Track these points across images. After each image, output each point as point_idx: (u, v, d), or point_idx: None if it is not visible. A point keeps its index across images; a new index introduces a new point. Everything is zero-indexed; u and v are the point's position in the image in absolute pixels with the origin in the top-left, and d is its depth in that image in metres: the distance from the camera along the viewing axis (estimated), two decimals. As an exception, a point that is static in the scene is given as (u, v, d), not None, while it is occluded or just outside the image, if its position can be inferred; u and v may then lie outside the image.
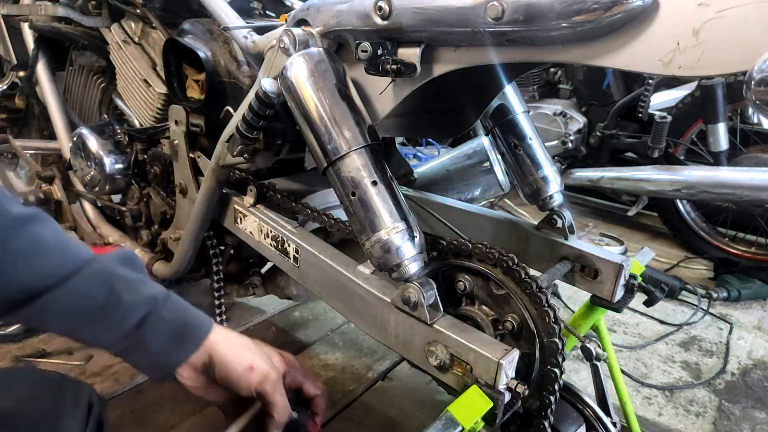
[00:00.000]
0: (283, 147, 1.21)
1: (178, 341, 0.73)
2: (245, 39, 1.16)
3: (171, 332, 0.73)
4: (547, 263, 1.11)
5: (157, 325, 0.71)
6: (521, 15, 0.66)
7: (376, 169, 0.86)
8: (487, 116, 1.14)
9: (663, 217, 2.90)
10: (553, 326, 0.84)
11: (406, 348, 0.90)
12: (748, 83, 0.53)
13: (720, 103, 2.42)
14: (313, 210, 1.14)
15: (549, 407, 0.85)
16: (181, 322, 0.75)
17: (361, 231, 0.86)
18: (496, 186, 1.55)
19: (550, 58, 0.72)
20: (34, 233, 0.67)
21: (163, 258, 1.62)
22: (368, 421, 1.56)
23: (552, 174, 1.11)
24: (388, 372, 1.77)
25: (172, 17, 1.47)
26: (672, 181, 2.28)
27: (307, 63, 0.88)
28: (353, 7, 0.85)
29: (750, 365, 1.95)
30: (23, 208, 0.68)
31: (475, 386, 0.79)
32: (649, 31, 0.60)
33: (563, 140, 3.16)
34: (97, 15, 1.63)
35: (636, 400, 1.73)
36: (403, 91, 0.88)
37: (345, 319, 1.40)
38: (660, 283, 1.12)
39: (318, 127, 0.87)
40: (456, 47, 0.80)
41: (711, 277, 2.60)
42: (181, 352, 0.74)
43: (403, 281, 0.85)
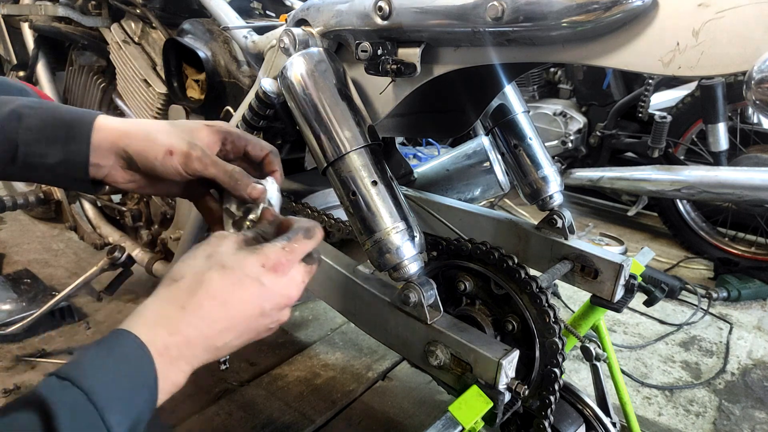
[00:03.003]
0: (283, 147, 1.21)
1: (61, 144, 0.69)
2: (245, 39, 1.16)
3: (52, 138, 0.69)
4: (547, 263, 1.11)
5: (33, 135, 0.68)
6: (521, 15, 0.66)
7: (376, 169, 0.85)
8: (487, 116, 1.14)
9: (663, 217, 2.90)
10: (553, 326, 0.84)
11: (406, 348, 0.90)
12: (748, 83, 0.53)
13: (720, 103, 2.42)
14: (313, 210, 1.14)
15: (549, 407, 0.85)
16: (53, 124, 0.70)
17: (361, 231, 0.86)
18: (496, 186, 1.55)
19: (550, 58, 0.72)
20: None
21: (163, 258, 1.63)
22: (368, 421, 1.56)
23: (552, 174, 1.11)
24: (388, 372, 1.77)
25: (172, 17, 1.47)
26: (672, 181, 2.28)
27: (307, 63, 0.88)
28: (353, 7, 0.85)
29: (750, 365, 1.95)
30: None
31: (475, 386, 0.79)
32: (649, 31, 0.60)
33: (563, 140, 3.16)
34: (97, 15, 1.63)
35: (636, 400, 1.73)
36: (403, 91, 0.88)
37: (345, 319, 1.40)
38: (660, 283, 1.12)
39: (318, 127, 0.87)
40: (456, 47, 0.80)
41: (711, 277, 2.60)
42: (70, 153, 0.70)
43: (403, 281, 0.85)
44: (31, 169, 0.70)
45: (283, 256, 0.65)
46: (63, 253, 2.43)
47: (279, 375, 1.74)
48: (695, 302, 2.30)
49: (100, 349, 0.56)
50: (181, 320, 0.59)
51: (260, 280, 0.63)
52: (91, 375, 0.53)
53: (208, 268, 0.62)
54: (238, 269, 0.62)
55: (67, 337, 1.85)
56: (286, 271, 0.65)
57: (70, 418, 0.49)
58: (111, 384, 0.53)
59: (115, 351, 0.56)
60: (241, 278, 0.62)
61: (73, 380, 0.51)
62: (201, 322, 0.60)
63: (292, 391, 1.66)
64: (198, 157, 0.72)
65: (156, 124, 0.75)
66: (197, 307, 0.60)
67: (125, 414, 0.53)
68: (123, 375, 0.54)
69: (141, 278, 1.93)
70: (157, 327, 0.58)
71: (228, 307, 0.61)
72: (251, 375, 1.73)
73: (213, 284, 0.61)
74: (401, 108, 0.92)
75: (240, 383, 1.68)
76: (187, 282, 0.62)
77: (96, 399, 0.51)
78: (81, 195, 1.92)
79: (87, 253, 2.41)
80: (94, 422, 0.51)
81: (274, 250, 0.65)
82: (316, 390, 1.67)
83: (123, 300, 2.06)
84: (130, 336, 0.56)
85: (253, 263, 0.63)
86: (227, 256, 0.63)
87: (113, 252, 1.62)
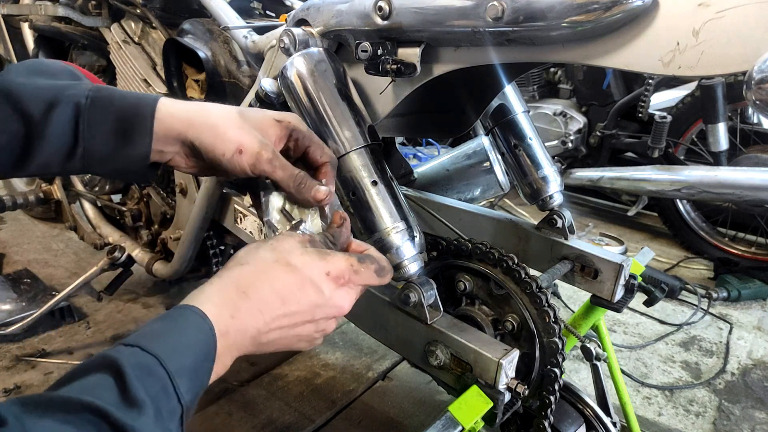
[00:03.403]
0: (283, 147, 1.20)
1: (122, 137, 0.66)
2: (245, 39, 1.16)
3: (113, 131, 0.66)
4: (547, 263, 1.11)
5: (94, 130, 0.65)
6: (521, 15, 0.66)
7: (376, 169, 0.86)
8: (487, 116, 1.14)
9: (663, 217, 2.90)
10: (553, 326, 0.85)
11: (406, 348, 0.90)
12: (748, 83, 0.53)
13: (720, 103, 2.42)
14: (313, 210, 1.14)
15: (549, 407, 0.85)
16: (114, 117, 0.66)
17: (361, 231, 0.86)
18: (496, 186, 1.55)
19: (550, 58, 0.72)
20: None
21: (163, 258, 1.63)
22: (368, 421, 1.56)
23: (552, 174, 1.11)
24: (388, 372, 1.77)
25: (172, 17, 1.47)
26: (672, 181, 2.28)
27: (307, 63, 0.88)
28: (353, 7, 0.85)
29: (750, 365, 1.95)
30: None
31: (475, 386, 0.79)
32: (649, 31, 0.60)
33: (563, 140, 3.16)
34: (97, 15, 1.63)
35: (636, 400, 1.73)
36: (403, 91, 0.88)
37: (345, 319, 1.40)
38: (660, 283, 1.12)
39: (318, 127, 0.87)
40: (456, 47, 0.80)
41: (711, 277, 2.60)
42: (132, 146, 0.67)
43: (403, 281, 0.85)
44: (91, 164, 0.67)
45: (347, 272, 0.66)
46: (63, 253, 2.43)
47: (279, 375, 1.74)
48: (695, 302, 2.30)
49: (166, 321, 0.56)
50: (242, 305, 0.59)
51: (321, 288, 0.63)
52: (159, 343, 0.52)
53: (275, 261, 0.62)
54: (303, 271, 0.63)
55: (67, 337, 1.85)
56: (347, 285, 0.66)
57: (142, 380, 0.48)
58: (179, 353, 0.53)
59: (181, 324, 0.56)
60: (304, 280, 0.62)
61: (142, 347, 0.51)
62: (259, 313, 0.60)
63: (292, 391, 1.66)
64: (268, 160, 0.69)
65: (225, 114, 0.71)
66: (259, 298, 0.60)
67: (192, 383, 0.53)
68: (189, 347, 0.54)
69: (141, 278, 1.93)
70: (221, 307, 0.58)
71: (285, 305, 0.61)
72: (251, 375, 1.72)
73: (277, 278, 0.61)
74: (401, 108, 0.92)
75: (240, 383, 1.68)
76: (251, 269, 0.62)
77: (167, 364, 0.51)
78: (81, 195, 1.93)
79: (87, 253, 2.41)
80: (164, 386, 0.50)
81: (341, 262, 0.66)
82: (316, 390, 1.67)
83: (123, 300, 2.06)
84: (197, 311, 0.56)
85: (319, 268, 0.64)
86: (295, 254, 0.64)
87: (113, 252, 1.62)
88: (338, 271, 0.65)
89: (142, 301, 2.07)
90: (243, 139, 0.69)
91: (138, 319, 1.95)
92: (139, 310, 2.02)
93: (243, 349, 0.61)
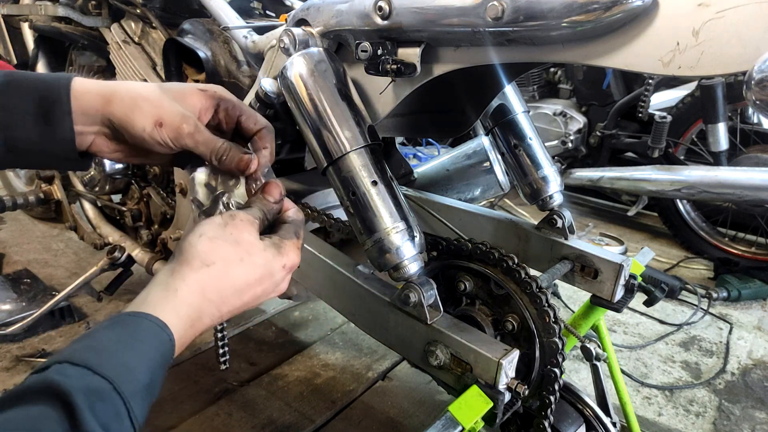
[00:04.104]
0: (283, 147, 1.21)
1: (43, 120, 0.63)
2: (245, 39, 1.16)
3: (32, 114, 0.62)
4: (547, 263, 1.11)
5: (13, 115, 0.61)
6: (521, 15, 0.66)
7: (376, 169, 0.85)
8: (487, 116, 1.14)
9: (663, 217, 2.90)
10: (553, 326, 0.84)
11: (406, 348, 0.90)
12: (748, 83, 0.53)
13: (720, 103, 2.42)
14: (313, 210, 1.14)
15: (549, 407, 0.85)
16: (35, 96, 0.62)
17: (361, 231, 0.86)
18: (496, 186, 1.55)
19: (550, 58, 0.72)
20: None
21: (163, 258, 1.63)
22: (368, 421, 1.56)
23: (552, 174, 1.11)
24: (388, 372, 1.77)
25: (172, 17, 1.47)
26: (672, 181, 2.28)
27: (307, 63, 0.88)
28: (353, 7, 0.85)
29: (750, 365, 1.95)
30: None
31: (475, 386, 0.79)
32: (649, 31, 0.60)
33: (563, 140, 3.16)
34: (97, 15, 1.63)
35: (636, 400, 1.73)
36: (403, 91, 0.88)
37: (345, 319, 1.40)
38: (660, 283, 1.12)
39: (318, 127, 0.87)
40: (456, 47, 0.80)
41: (711, 277, 2.60)
42: (54, 129, 0.63)
43: (403, 281, 0.85)
44: (18, 154, 0.64)
45: (297, 258, 0.69)
46: (63, 253, 2.43)
47: (279, 375, 1.74)
48: (695, 302, 2.30)
49: (119, 332, 0.52)
50: (205, 311, 0.60)
51: (276, 279, 0.66)
52: (112, 361, 0.48)
53: (240, 260, 0.63)
54: (264, 268, 0.64)
55: (67, 337, 1.85)
56: (292, 270, 0.69)
57: (93, 409, 0.44)
58: (135, 372, 0.49)
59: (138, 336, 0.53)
60: (263, 276, 0.65)
61: (93, 368, 0.47)
62: (217, 312, 0.62)
63: (292, 391, 1.66)
64: (190, 133, 0.66)
65: (144, 88, 0.67)
66: (221, 301, 0.61)
67: (146, 401, 0.50)
68: (146, 362, 0.51)
69: (141, 278, 1.93)
70: (186, 319, 0.58)
71: (241, 299, 0.64)
72: (251, 375, 1.72)
73: (240, 279, 0.63)
74: (401, 108, 0.92)
75: (240, 383, 1.68)
76: (218, 273, 0.61)
77: (121, 388, 0.47)
78: (81, 195, 1.92)
79: (87, 253, 2.41)
80: (118, 412, 0.46)
81: (294, 255, 0.68)
82: (316, 390, 1.67)
83: (123, 300, 2.06)
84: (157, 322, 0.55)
85: (278, 263, 0.66)
86: (256, 249, 0.64)
87: (113, 252, 1.62)
88: (292, 263, 0.68)
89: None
90: (162, 111, 0.66)
91: (138, 319, 1.94)
92: (139, 310, 2.01)
93: (197, 333, 0.62)
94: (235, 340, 1.88)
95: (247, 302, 0.65)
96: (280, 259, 0.66)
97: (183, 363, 1.74)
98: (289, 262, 0.67)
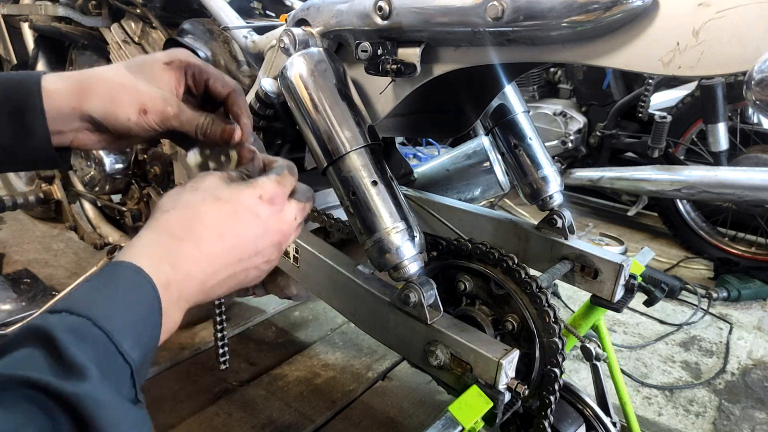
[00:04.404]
0: (283, 147, 1.21)
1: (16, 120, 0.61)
2: (245, 39, 1.16)
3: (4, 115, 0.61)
4: (547, 263, 1.11)
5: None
6: (521, 15, 0.66)
7: (376, 169, 0.85)
8: (487, 116, 1.14)
9: (663, 217, 2.90)
10: (553, 326, 0.84)
11: (406, 348, 0.90)
12: (748, 83, 0.53)
13: (720, 103, 2.42)
14: (313, 210, 1.14)
15: (549, 407, 0.85)
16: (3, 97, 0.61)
17: (361, 231, 0.86)
18: (496, 186, 1.55)
19: (550, 58, 0.72)
20: None
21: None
22: (368, 421, 1.56)
23: (552, 174, 1.11)
24: (388, 372, 1.77)
25: (172, 17, 1.47)
26: (672, 181, 2.28)
27: (307, 63, 0.88)
28: (353, 7, 0.85)
29: (750, 365, 1.95)
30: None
31: (475, 386, 0.79)
32: (649, 31, 0.60)
33: (563, 140, 3.16)
34: (97, 15, 1.63)
35: (636, 400, 1.73)
36: (403, 91, 0.88)
37: (345, 319, 1.40)
38: (660, 283, 1.12)
39: (318, 127, 0.87)
40: (456, 47, 0.80)
41: (711, 277, 2.60)
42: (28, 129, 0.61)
43: (403, 281, 0.85)
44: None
45: (279, 191, 0.63)
46: (63, 253, 2.43)
47: (279, 375, 1.74)
48: (695, 302, 2.30)
49: (94, 282, 0.50)
50: (181, 252, 0.55)
51: (257, 213, 0.60)
52: (89, 304, 0.47)
53: (202, 199, 0.58)
54: (234, 201, 0.59)
55: (67, 337, 1.85)
56: (282, 205, 0.63)
57: (77, 344, 0.43)
58: (115, 312, 0.47)
59: (113, 282, 0.50)
60: (238, 210, 0.59)
61: (70, 310, 0.46)
62: (201, 256, 0.56)
63: (292, 391, 1.66)
64: (175, 115, 0.66)
65: (116, 75, 0.65)
66: (197, 239, 0.56)
67: (136, 340, 0.48)
68: (126, 304, 0.49)
69: (141, 278, 1.92)
70: (157, 258, 0.53)
71: (225, 241, 0.58)
72: (251, 375, 1.73)
73: (209, 215, 0.57)
74: (401, 108, 0.92)
75: (240, 383, 1.68)
76: (180, 213, 0.57)
77: (101, 323, 0.45)
78: (81, 195, 1.92)
79: (87, 253, 2.41)
80: (105, 347, 0.45)
81: (269, 183, 0.62)
82: (316, 390, 1.67)
83: (123, 300, 2.06)
84: (130, 266, 0.51)
85: (249, 195, 0.60)
86: (219, 189, 0.60)
87: (113, 252, 1.62)
88: (269, 192, 0.62)
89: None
90: (143, 97, 0.65)
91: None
92: (139, 310, 2.01)
93: (192, 299, 0.56)
94: (235, 340, 1.88)
95: (236, 245, 0.58)
96: (252, 191, 0.60)
97: (183, 363, 1.74)
98: (265, 193, 0.61)
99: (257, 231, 0.60)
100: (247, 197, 0.60)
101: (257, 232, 0.60)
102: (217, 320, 1.49)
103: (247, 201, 0.60)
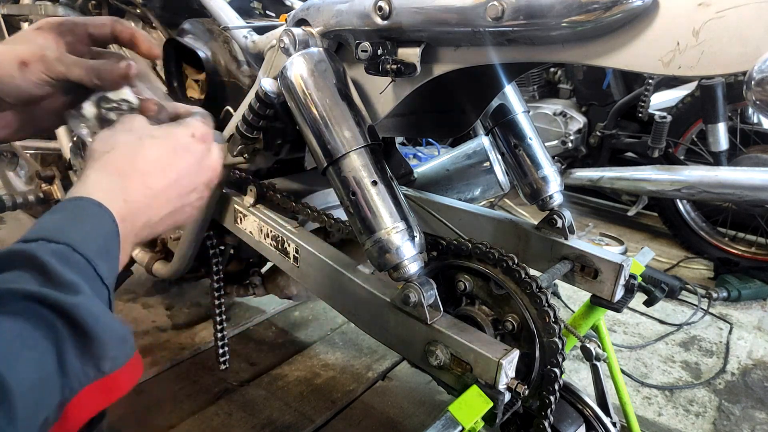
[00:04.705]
0: (283, 147, 1.20)
1: None
2: (245, 39, 1.16)
3: None
4: (547, 263, 1.11)
5: None
6: (521, 15, 0.66)
7: (376, 169, 0.85)
8: (487, 116, 1.14)
9: (663, 217, 2.90)
10: (553, 326, 0.84)
11: (406, 348, 0.90)
12: (748, 83, 0.53)
13: (720, 103, 2.42)
14: (313, 210, 1.14)
15: (549, 407, 0.85)
16: None
17: (361, 231, 0.86)
18: (496, 186, 1.55)
19: (550, 58, 0.72)
20: None
21: (163, 258, 1.62)
22: (368, 421, 1.56)
23: (552, 174, 1.11)
24: (388, 372, 1.77)
25: (172, 17, 1.47)
26: (672, 181, 2.28)
27: (307, 63, 0.88)
28: (353, 6, 0.85)
29: (750, 365, 1.95)
30: None
31: (475, 386, 0.79)
32: (649, 31, 0.60)
33: (563, 140, 3.16)
34: (97, 15, 1.63)
35: (636, 400, 1.73)
36: (403, 91, 0.88)
37: (345, 319, 1.40)
38: (660, 283, 1.12)
39: (318, 127, 0.87)
40: (456, 47, 0.80)
41: (711, 277, 2.60)
42: None
43: (403, 281, 0.85)
44: None
45: (207, 129, 0.66)
46: (63, 253, 2.43)
47: (279, 375, 1.74)
48: (695, 302, 2.30)
49: (61, 214, 0.52)
50: (129, 186, 0.57)
51: (192, 150, 0.63)
52: (64, 232, 0.49)
53: (139, 138, 0.60)
54: (171, 138, 0.61)
55: (67, 337, 1.84)
56: (210, 144, 0.66)
57: (63, 266, 0.45)
58: (88, 239, 0.50)
59: (79, 214, 0.52)
60: (176, 147, 0.61)
61: (48, 239, 0.48)
62: (148, 189, 0.58)
63: (292, 391, 1.66)
64: (57, 58, 0.63)
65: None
66: (144, 175, 0.58)
67: (108, 265, 0.50)
68: (95, 232, 0.51)
69: (141, 278, 1.93)
70: (113, 195, 0.55)
71: (167, 176, 0.60)
72: (251, 375, 1.73)
73: (149, 152, 0.59)
74: (401, 108, 0.92)
75: (240, 383, 1.68)
76: (122, 151, 0.58)
77: (81, 249, 0.48)
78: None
79: (87, 253, 2.41)
80: (86, 270, 0.48)
81: (197, 122, 0.65)
82: (316, 390, 1.67)
83: (123, 300, 2.06)
84: (92, 201, 0.53)
85: (182, 133, 0.63)
86: (152, 128, 0.62)
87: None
88: (201, 130, 0.65)
89: (142, 301, 2.07)
90: (19, 51, 0.62)
91: (138, 319, 1.94)
92: (139, 310, 2.02)
93: (140, 234, 0.59)
94: (234, 340, 1.88)
95: (177, 180, 0.61)
96: (184, 129, 0.63)
97: (183, 363, 1.74)
98: (197, 131, 0.64)
99: (194, 167, 0.63)
100: (181, 135, 0.63)
101: (194, 169, 0.63)
102: (217, 320, 1.49)
103: (181, 139, 0.63)
